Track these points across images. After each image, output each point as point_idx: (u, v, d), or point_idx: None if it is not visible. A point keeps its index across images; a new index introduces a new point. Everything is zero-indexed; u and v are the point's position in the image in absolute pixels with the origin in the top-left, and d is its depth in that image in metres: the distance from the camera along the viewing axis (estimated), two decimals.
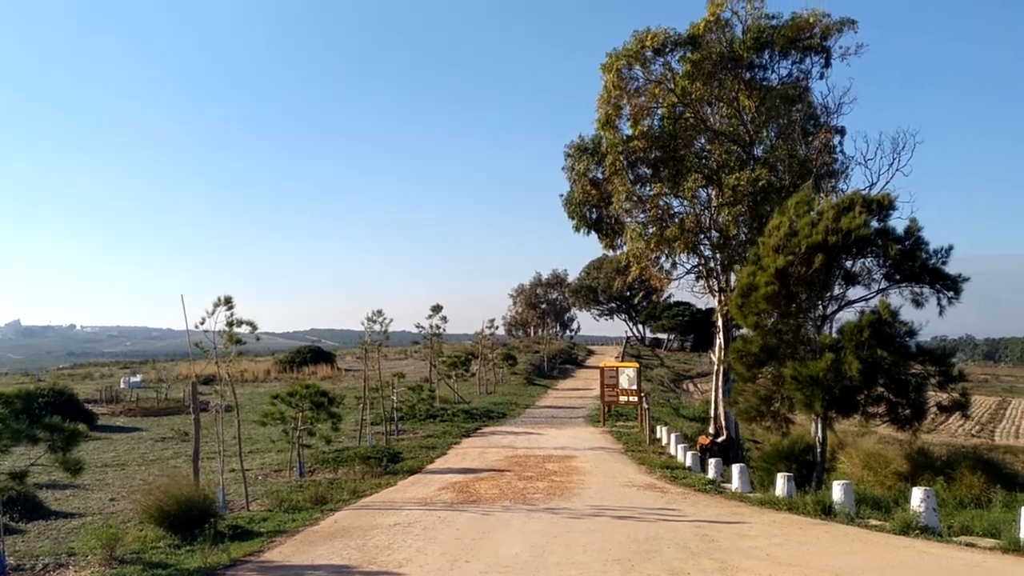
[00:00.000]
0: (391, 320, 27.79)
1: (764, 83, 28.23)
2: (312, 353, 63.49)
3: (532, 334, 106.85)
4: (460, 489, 18.02)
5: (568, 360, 79.61)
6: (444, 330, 38.79)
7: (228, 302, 15.82)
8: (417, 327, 38.76)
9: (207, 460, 20.02)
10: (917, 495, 13.17)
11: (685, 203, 29.11)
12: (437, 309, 37.56)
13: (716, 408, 29.27)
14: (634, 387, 34.37)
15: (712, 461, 20.39)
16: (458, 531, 13.32)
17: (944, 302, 19.04)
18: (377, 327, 27.78)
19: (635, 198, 28.81)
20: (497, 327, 60.85)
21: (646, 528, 13.36)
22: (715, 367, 30.34)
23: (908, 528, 12.71)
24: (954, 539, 12.40)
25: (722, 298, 28.38)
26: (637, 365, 37.55)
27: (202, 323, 15.63)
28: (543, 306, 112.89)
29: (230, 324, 15.89)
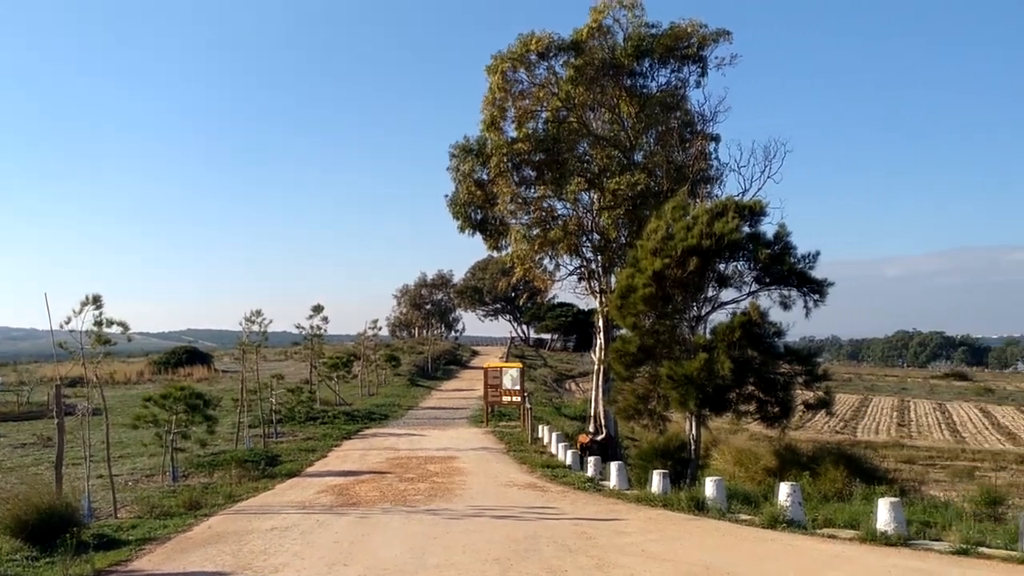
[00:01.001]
0: (271, 321, 27.18)
1: (644, 90, 28.95)
2: (188, 354, 61.54)
3: (416, 335, 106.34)
4: (340, 492, 17.79)
5: (453, 361, 79.61)
6: (325, 331, 38.24)
7: (96, 301, 15.14)
8: (298, 328, 38.10)
9: (72, 466, 19.13)
10: (784, 490, 13.74)
11: (568, 206, 29.55)
12: (318, 309, 36.99)
13: (596, 407, 29.80)
14: (517, 387, 34.64)
15: (591, 459, 20.75)
16: (337, 534, 13.15)
17: (810, 304, 19.96)
18: (256, 327, 27.11)
19: (520, 200, 29.08)
20: (380, 328, 60.32)
21: (525, 527, 13.50)
22: (595, 367, 30.89)
23: (775, 522, 13.24)
24: (818, 531, 12.98)
25: (603, 299, 28.91)
26: (521, 365, 37.86)
27: (68, 323, 14.89)
28: (428, 307, 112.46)
29: (98, 324, 15.21)
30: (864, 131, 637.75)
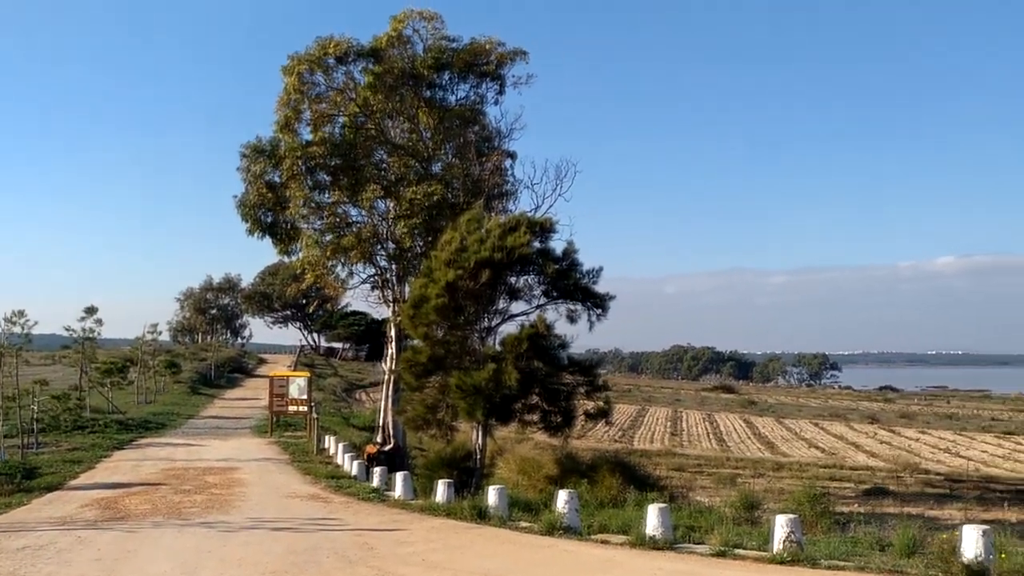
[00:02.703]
0: (35, 322, 25.11)
1: (443, 103, 29.19)
2: None
3: (200, 340, 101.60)
4: (106, 506, 16.62)
5: (238, 369, 76.62)
6: (99, 334, 35.84)
7: None
8: (67, 330, 35.41)
9: None
10: (562, 497, 14.20)
11: (363, 213, 29.28)
12: (91, 311, 34.59)
13: (385, 417, 29.60)
14: (304, 397, 33.84)
15: (377, 470, 20.56)
16: (100, 551, 12.26)
17: (594, 318, 20.86)
18: (17, 329, 24.96)
19: (313, 204, 28.49)
20: (161, 332, 57.01)
21: (306, 539, 13.18)
22: (386, 376, 30.69)
23: (553, 528, 13.65)
24: (592, 537, 13.51)
25: (395, 309, 28.79)
26: (308, 374, 37.06)
27: None
28: (213, 311, 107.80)
29: None
30: (655, 157, 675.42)
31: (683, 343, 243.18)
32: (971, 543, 10.42)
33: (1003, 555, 10.64)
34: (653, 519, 12.79)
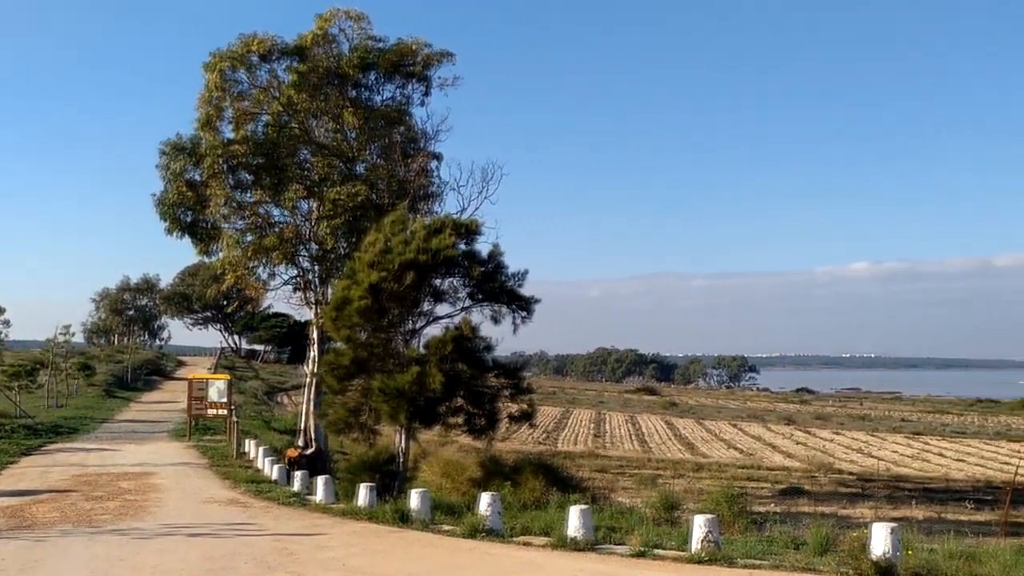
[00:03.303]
0: None
1: (369, 103, 28.94)
2: None
3: (116, 342, 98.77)
4: (11, 514, 15.99)
5: (156, 371, 74.81)
6: (7, 335, 34.60)
7: None
8: None
9: None
10: (485, 500, 14.21)
11: (286, 213, 28.85)
12: None
13: (307, 420, 29.20)
14: (224, 400, 33.17)
15: (298, 474, 20.30)
16: (2, 562, 11.80)
17: (518, 320, 20.94)
18: None
19: (234, 204, 27.97)
20: (74, 333, 55.24)
21: (223, 545, 12.92)
22: (308, 379, 30.29)
23: (475, 531, 13.65)
24: (514, 539, 13.55)
25: (318, 311, 28.40)
26: (229, 377, 36.37)
27: None
28: (131, 312, 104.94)
29: None
30: (583, 163, 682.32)
31: (607, 346, 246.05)
32: (880, 541, 10.77)
33: (909, 551, 11.03)
34: (575, 520, 12.89)
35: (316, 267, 29.20)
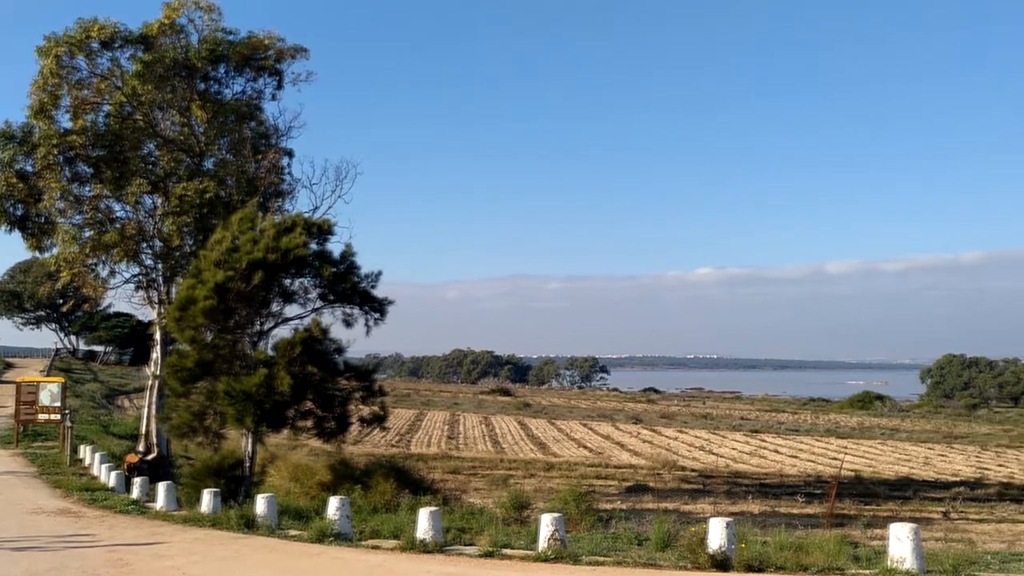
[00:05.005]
0: None
1: (218, 96, 28.08)
2: None
3: None
4: None
5: None
6: None
7: None
8: None
9: None
10: (333, 504, 14.08)
11: (128, 208, 27.58)
12: None
13: (148, 424, 28.02)
14: (58, 404, 31.36)
15: (138, 480, 19.49)
16: None
17: (371, 322, 20.82)
18: None
19: (72, 197, 26.56)
20: None
21: (51, 558, 12.27)
22: (150, 382, 29.09)
23: (323, 536, 13.51)
24: (364, 542, 13.51)
25: (162, 310, 27.31)
26: (63, 380, 34.43)
27: None
28: None
29: None
30: (442, 164, 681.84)
31: (464, 347, 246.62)
32: (716, 535, 11.36)
33: (744, 544, 11.69)
34: (424, 523, 12.96)
35: (160, 265, 28.08)
